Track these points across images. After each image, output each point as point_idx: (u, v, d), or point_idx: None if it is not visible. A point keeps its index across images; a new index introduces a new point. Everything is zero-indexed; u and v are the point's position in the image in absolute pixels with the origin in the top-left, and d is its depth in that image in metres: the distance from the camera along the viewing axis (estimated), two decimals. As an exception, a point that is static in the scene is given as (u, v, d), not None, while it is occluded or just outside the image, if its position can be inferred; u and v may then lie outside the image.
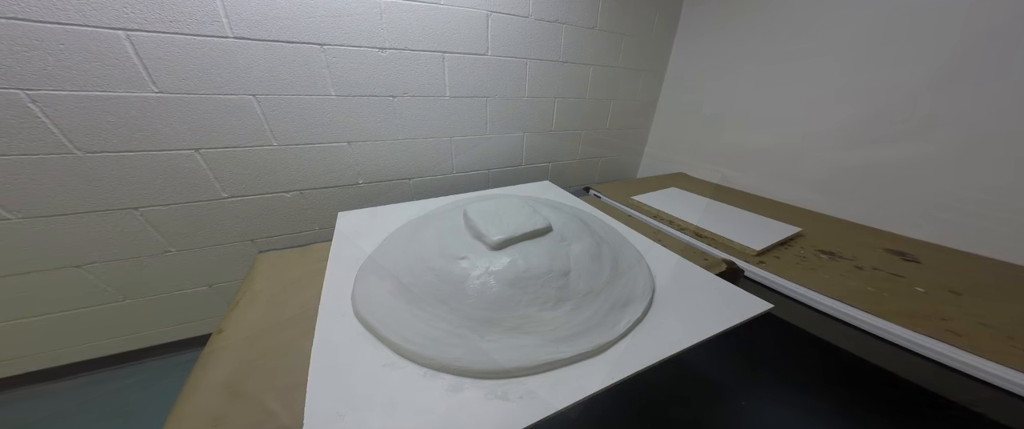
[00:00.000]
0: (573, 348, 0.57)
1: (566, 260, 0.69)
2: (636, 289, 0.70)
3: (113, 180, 0.96)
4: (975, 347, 0.65)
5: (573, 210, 1.03)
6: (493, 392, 0.51)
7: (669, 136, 2.02)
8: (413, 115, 1.29)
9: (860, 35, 1.18)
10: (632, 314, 0.65)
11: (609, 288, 0.68)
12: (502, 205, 0.82)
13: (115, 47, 0.83)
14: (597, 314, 0.63)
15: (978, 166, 1.01)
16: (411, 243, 0.79)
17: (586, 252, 0.73)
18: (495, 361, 0.54)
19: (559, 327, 0.60)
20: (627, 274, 0.74)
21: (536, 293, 0.62)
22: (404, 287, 0.67)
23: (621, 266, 0.75)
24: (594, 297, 0.66)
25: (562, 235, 0.76)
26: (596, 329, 0.61)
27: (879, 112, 1.17)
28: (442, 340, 0.58)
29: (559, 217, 0.83)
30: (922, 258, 1.00)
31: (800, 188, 1.44)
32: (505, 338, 0.58)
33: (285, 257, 0.86)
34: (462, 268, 0.66)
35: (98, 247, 1.02)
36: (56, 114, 0.84)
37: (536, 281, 0.64)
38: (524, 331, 0.59)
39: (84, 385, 1.18)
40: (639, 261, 0.80)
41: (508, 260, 0.66)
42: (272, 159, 1.12)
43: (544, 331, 0.59)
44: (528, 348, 0.56)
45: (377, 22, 1.08)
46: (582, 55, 1.55)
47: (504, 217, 0.76)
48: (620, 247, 0.83)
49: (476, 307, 0.61)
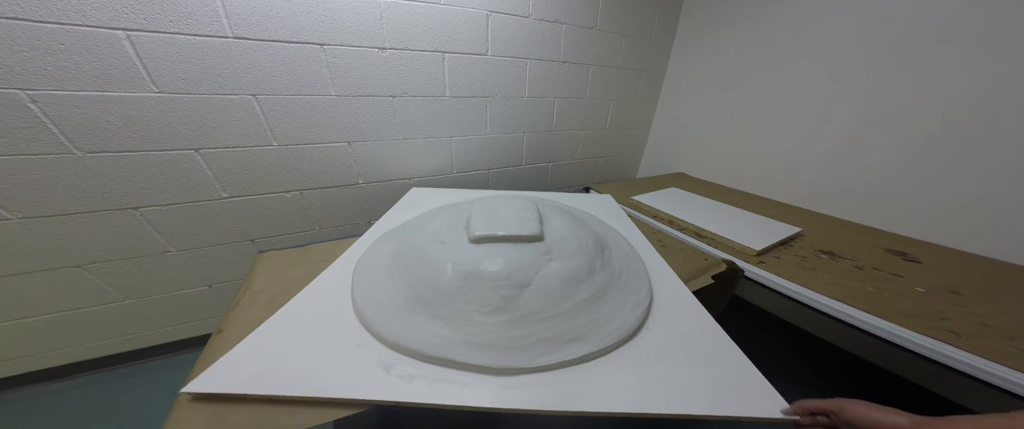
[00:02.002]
0: (477, 357, 0.54)
1: (531, 274, 0.64)
2: (597, 332, 0.60)
3: (113, 180, 0.96)
4: (975, 347, 0.65)
5: (602, 232, 0.88)
6: (383, 360, 0.55)
7: (669, 136, 2.02)
8: (413, 115, 1.29)
9: (860, 36, 1.18)
10: (569, 353, 0.56)
11: (565, 318, 0.61)
12: (511, 205, 0.80)
13: (115, 47, 0.83)
14: (530, 337, 0.57)
15: (978, 166, 1.01)
16: (430, 218, 0.86)
17: (562, 275, 0.65)
18: (402, 335, 0.58)
19: (484, 333, 0.57)
20: (602, 312, 0.63)
21: (480, 293, 0.61)
22: (398, 253, 0.74)
23: (603, 302, 0.65)
24: (540, 320, 0.60)
25: (550, 250, 0.69)
26: (518, 351, 0.56)
27: (879, 112, 1.17)
28: (384, 304, 0.63)
29: (572, 233, 0.75)
30: (922, 258, 1.00)
31: (800, 188, 1.44)
32: (430, 322, 0.60)
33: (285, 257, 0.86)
34: (436, 250, 0.69)
35: (98, 247, 1.02)
36: (56, 114, 0.84)
37: (486, 283, 0.62)
38: (449, 323, 0.59)
39: (84, 385, 1.18)
40: (635, 308, 0.66)
41: (474, 255, 0.66)
42: (272, 159, 1.12)
43: (466, 330, 0.58)
44: (438, 339, 0.57)
45: (377, 22, 1.08)
46: (582, 55, 1.55)
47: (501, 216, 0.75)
48: (624, 285, 0.71)
49: (425, 287, 0.64)
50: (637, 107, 1.93)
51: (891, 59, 1.12)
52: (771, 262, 0.95)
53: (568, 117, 1.69)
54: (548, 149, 1.72)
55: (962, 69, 0.99)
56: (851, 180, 1.28)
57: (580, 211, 1.07)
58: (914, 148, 1.11)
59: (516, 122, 1.54)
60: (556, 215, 0.82)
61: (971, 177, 1.02)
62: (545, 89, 1.53)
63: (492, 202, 0.82)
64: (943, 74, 1.03)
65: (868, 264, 0.96)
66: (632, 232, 1.04)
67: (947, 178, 1.07)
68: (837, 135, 1.29)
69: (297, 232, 1.29)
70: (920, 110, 1.08)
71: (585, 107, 1.71)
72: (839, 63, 1.24)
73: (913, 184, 1.13)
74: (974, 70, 0.97)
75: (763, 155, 1.55)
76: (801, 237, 1.11)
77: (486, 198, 0.86)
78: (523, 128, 1.58)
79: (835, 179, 1.32)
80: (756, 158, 1.59)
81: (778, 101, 1.45)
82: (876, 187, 1.22)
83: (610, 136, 1.93)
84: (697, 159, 1.88)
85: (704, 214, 1.23)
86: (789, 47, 1.37)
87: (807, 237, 1.12)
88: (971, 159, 1.02)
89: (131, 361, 1.27)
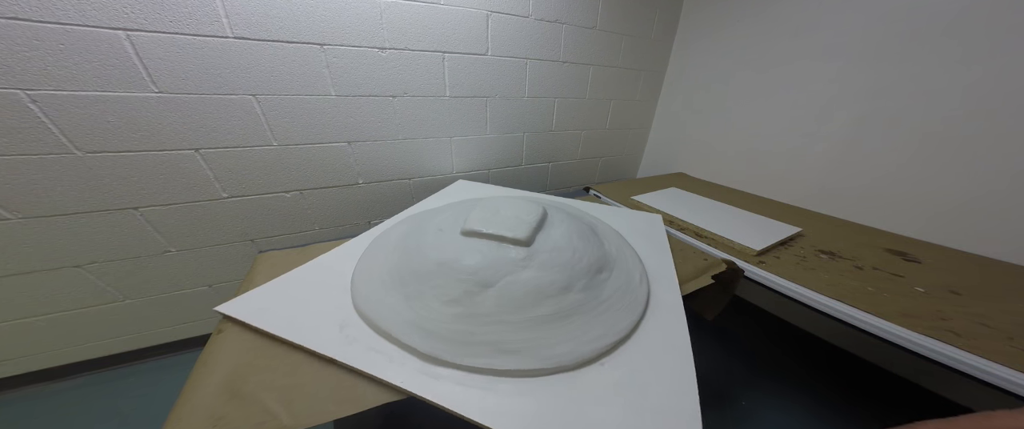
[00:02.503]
0: (414, 339, 0.57)
1: (498, 276, 0.63)
2: (538, 352, 0.56)
3: (113, 180, 0.96)
4: (975, 347, 0.64)
5: (615, 255, 0.80)
6: (344, 321, 0.62)
7: (669, 136, 2.02)
8: (413, 115, 1.29)
9: (860, 37, 1.18)
10: (497, 362, 0.54)
11: (514, 328, 0.58)
12: (517, 206, 0.80)
13: (115, 47, 0.83)
14: (472, 336, 0.57)
15: (978, 166, 1.01)
16: (448, 208, 0.89)
17: (531, 285, 0.62)
18: (367, 304, 0.64)
19: (433, 320, 0.60)
20: (556, 334, 0.59)
21: (445, 283, 0.63)
22: (407, 233, 0.79)
23: (564, 324, 0.61)
24: (489, 322, 0.59)
25: (531, 257, 0.66)
26: (453, 345, 0.56)
27: (879, 112, 1.17)
28: (372, 275, 0.70)
29: (569, 246, 0.71)
30: (922, 258, 1.00)
31: (800, 188, 1.44)
32: (396, 299, 0.64)
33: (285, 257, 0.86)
34: (432, 236, 0.73)
35: (98, 247, 1.02)
36: (56, 114, 0.84)
37: (454, 274, 0.64)
38: (410, 304, 0.62)
39: (84, 385, 1.18)
40: (596, 340, 0.59)
41: (457, 247, 0.68)
42: (272, 159, 1.12)
43: (421, 314, 0.61)
44: (393, 315, 0.61)
45: (377, 22, 1.08)
46: (582, 55, 1.55)
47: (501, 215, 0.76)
48: (601, 313, 0.64)
49: (406, 267, 0.68)
50: (637, 107, 1.93)
51: (891, 59, 1.12)
52: (771, 262, 0.95)
53: (568, 117, 1.69)
54: (548, 149, 1.72)
55: (962, 69, 0.99)
56: (851, 180, 1.28)
57: (609, 228, 0.97)
58: (914, 148, 1.11)
59: (516, 122, 1.54)
60: (564, 225, 0.78)
61: (971, 177, 1.02)
62: (545, 89, 1.53)
63: (499, 201, 0.83)
64: (943, 74, 1.03)
65: (868, 264, 0.96)
66: (660, 260, 0.87)
67: (947, 178, 1.07)
68: (837, 135, 1.29)
69: (297, 232, 1.29)
70: (920, 110, 1.08)
71: (585, 107, 1.71)
72: (839, 63, 1.24)
73: (913, 184, 1.14)
74: (973, 70, 0.98)
75: (763, 155, 1.55)
76: (801, 237, 1.11)
77: (496, 197, 0.86)
78: (523, 128, 1.58)
79: (835, 179, 1.32)
80: (756, 158, 1.59)
81: (778, 101, 1.45)
82: (876, 187, 1.22)
83: (610, 136, 1.93)
84: (697, 159, 1.88)
85: (704, 214, 1.23)
86: (789, 47, 1.37)
87: (807, 237, 1.12)
88: (971, 159, 1.02)
89: (131, 361, 1.27)
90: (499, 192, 1.27)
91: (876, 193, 1.22)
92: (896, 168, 1.16)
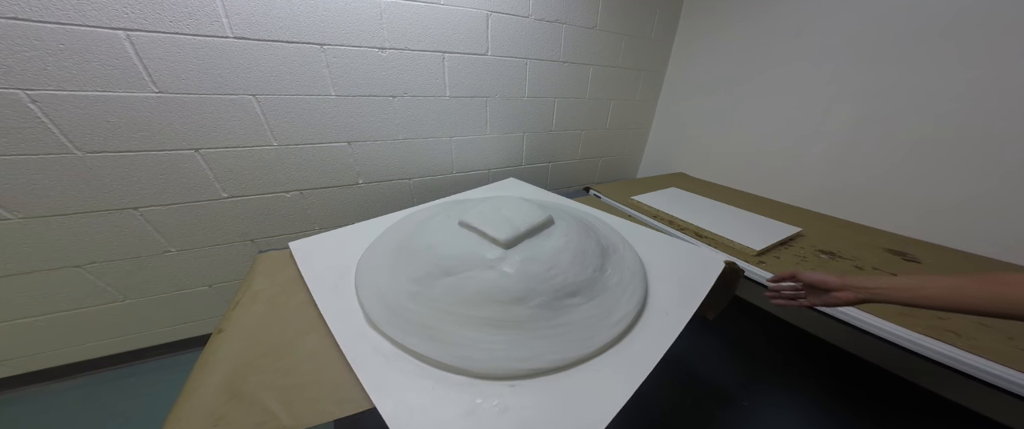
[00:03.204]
0: (369, 300, 0.66)
1: (459, 269, 0.66)
2: (449, 339, 0.57)
3: (113, 180, 0.96)
4: (975, 347, 0.65)
5: (614, 280, 0.73)
6: (343, 275, 0.76)
7: (669, 136, 2.02)
8: (413, 115, 1.29)
9: (859, 37, 1.18)
10: (413, 342, 0.57)
11: (446, 319, 0.60)
12: (523, 209, 0.80)
13: (115, 47, 0.83)
14: (410, 312, 0.62)
15: (977, 166, 1.01)
16: (478, 202, 0.91)
17: (484, 287, 0.63)
18: (363, 267, 0.76)
19: (389, 289, 0.68)
20: (477, 338, 0.59)
21: (420, 262, 0.69)
22: (431, 215, 0.88)
23: (496, 334, 0.59)
24: (433, 307, 0.62)
25: (501, 261, 0.66)
26: (391, 314, 0.63)
27: (878, 112, 1.17)
28: (387, 241, 0.82)
29: (552, 262, 0.67)
30: (922, 258, 1.00)
31: (800, 188, 1.44)
32: (384, 263, 0.74)
33: (285, 257, 0.86)
34: (443, 221, 0.80)
35: (98, 247, 1.02)
36: (56, 114, 0.84)
37: (428, 257, 0.70)
38: (388, 271, 0.72)
39: (84, 385, 1.18)
40: (519, 362, 0.56)
41: (449, 234, 0.74)
42: (272, 159, 1.12)
43: (386, 282, 0.69)
44: (373, 279, 0.71)
45: (377, 22, 1.08)
46: (582, 55, 1.55)
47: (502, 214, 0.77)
48: (543, 337, 0.59)
49: (407, 241, 0.77)
50: (637, 107, 1.93)
51: (890, 60, 1.12)
52: (771, 262, 0.95)
53: (568, 117, 1.69)
54: (548, 149, 1.72)
55: (960, 69, 0.99)
56: (851, 180, 1.28)
57: (635, 258, 0.84)
58: (913, 148, 1.11)
59: (516, 122, 1.54)
60: (563, 240, 0.73)
61: (970, 177, 1.03)
62: (545, 89, 1.53)
63: (506, 202, 0.84)
64: (941, 74, 1.03)
65: (868, 264, 0.96)
66: (682, 313, 0.70)
67: (946, 178, 1.07)
68: (837, 135, 1.29)
69: (297, 232, 1.29)
70: (919, 110, 1.08)
71: (585, 107, 1.71)
72: (839, 63, 1.24)
73: (912, 184, 1.14)
74: (972, 70, 0.98)
75: (763, 155, 1.55)
76: (801, 237, 1.11)
77: (508, 198, 0.88)
78: (523, 128, 1.58)
79: (835, 179, 1.32)
80: (756, 158, 1.59)
81: (778, 101, 1.45)
82: (876, 187, 1.22)
83: (610, 136, 1.93)
84: (697, 159, 1.88)
85: (704, 214, 1.23)
86: (789, 47, 1.37)
87: (807, 237, 1.12)
88: (970, 159, 1.02)
89: (131, 361, 1.27)
90: (542, 195, 1.30)
91: (876, 193, 1.22)
92: (896, 168, 1.16)
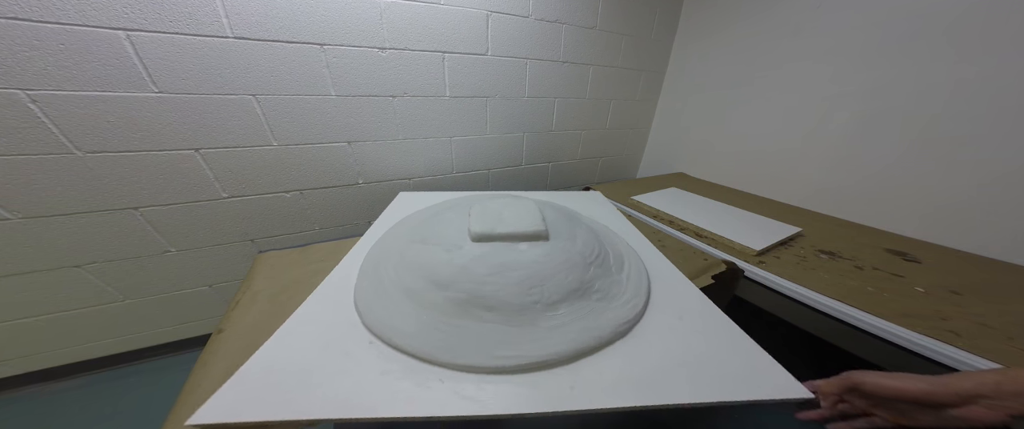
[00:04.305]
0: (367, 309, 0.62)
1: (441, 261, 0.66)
2: (375, 318, 0.58)
3: (113, 180, 0.96)
4: (975, 347, 0.64)
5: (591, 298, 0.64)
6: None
7: (669, 136, 2.02)
8: (413, 115, 1.29)
9: (860, 37, 1.18)
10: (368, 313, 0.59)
11: (392, 301, 0.60)
12: (519, 208, 0.78)
13: (115, 47, 0.83)
14: (374, 286, 0.65)
15: (978, 166, 1.01)
16: (496, 196, 0.93)
17: (441, 278, 0.61)
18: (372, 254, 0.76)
19: (391, 273, 0.67)
20: (405, 321, 0.57)
21: (415, 259, 0.68)
22: (456, 204, 0.85)
23: (432, 324, 0.57)
24: (391, 283, 0.64)
25: (470, 257, 0.64)
26: (362, 291, 0.64)
27: (879, 112, 1.17)
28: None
29: (531, 270, 0.61)
30: (922, 258, 1.00)
31: (800, 188, 1.44)
32: (399, 247, 0.72)
33: (285, 257, 0.86)
34: (446, 215, 0.79)
35: (98, 247, 1.02)
36: (56, 114, 0.84)
37: (418, 243, 0.71)
38: (380, 261, 0.71)
39: (84, 385, 1.18)
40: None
41: (454, 224, 0.74)
42: (272, 159, 1.12)
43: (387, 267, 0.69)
44: (376, 273, 0.69)
45: (377, 22, 1.08)
46: (582, 55, 1.55)
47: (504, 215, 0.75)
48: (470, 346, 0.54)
49: (418, 228, 0.77)
50: (637, 107, 1.93)
51: (891, 59, 1.12)
52: (771, 262, 0.95)
53: (568, 117, 1.69)
54: (548, 149, 1.72)
55: (961, 68, 0.99)
56: (851, 179, 1.28)
57: (636, 263, 0.78)
58: (913, 148, 1.11)
59: (516, 122, 1.54)
60: (551, 245, 0.68)
61: (970, 177, 1.02)
62: (545, 89, 1.53)
63: (513, 202, 0.83)
64: (942, 74, 1.03)
65: (868, 264, 0.96)
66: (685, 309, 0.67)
67: (946, 178, 1.07)
68: (837, 135, 1.29)
69: (297, 232, 1.29)
70: (919, 110, 1.08)
71: (585, 107, 1.71)
72: (839, 63, 1.24)
73: (913, 184, 1.13)
74: (972, 69, 0.97)
75: (763, 155, 1.55)
76: (801, 237, 1.11)
77: (541, 197, 0.91)
78: (523, 128, 1.58)
79: (835, 179, 1.32)
80: (756, 158, 1.59)
81: (778, 101, 1.45)
82: (876, 187, 1.22)
83: (610, 136, 1.93)
84: (697, 159, 1.88)
85: (704, 214, 1.23)
86: (789, 47, 1.37)
87: (807, 237, 1.12)
88: (970, 159, 1.02)
89: (131, 361, 1.27)
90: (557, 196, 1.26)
91: (876, 193, 1.22)
92: (896, 168, 1.16)
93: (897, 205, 1.18)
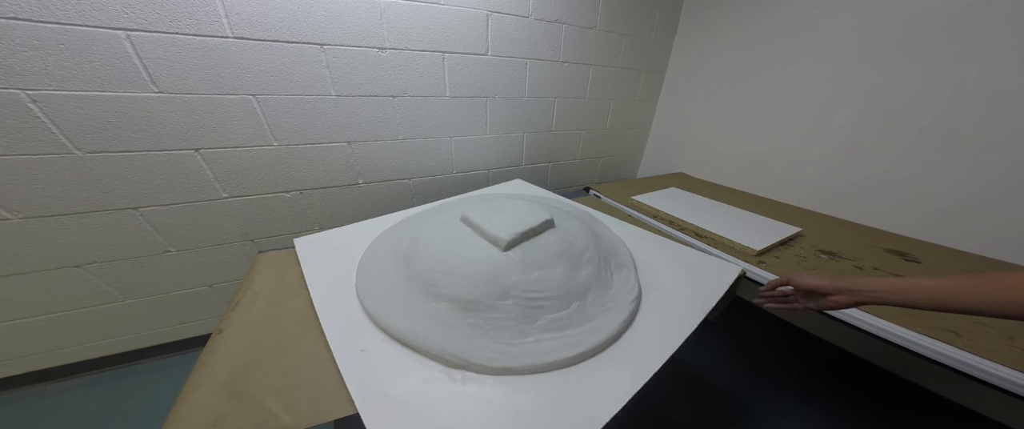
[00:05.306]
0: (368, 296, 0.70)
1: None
2: (372, 300, 0.67)
3: (113, 180, 0.96)
4: (975, 347, 0.65)
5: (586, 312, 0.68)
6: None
7: (669, 136, 2.02)
8: (413, 115, 1.29)
9: (859, 37, 1.18)
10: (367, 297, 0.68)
11: (387, 287, 0.70)
12: (518, 208, 0.83)
13: (115, 47, 0.83)
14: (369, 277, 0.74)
15: (977, 166, 1.01)
16: (499, 197, 1.03)
17: (431, 265, 0.71)
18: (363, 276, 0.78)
19: (387, 266, 0.76)
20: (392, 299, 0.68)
21: (414, 256, 0.74)
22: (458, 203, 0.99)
23: (420, 304, 0.66)
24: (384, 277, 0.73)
25: (526, 258, 0.69)
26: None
27: (878, 112, 1.17)
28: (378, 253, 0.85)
29: (516, 278, 0.65)
30: (922, 258, 1.00)
31: (800, 188, 1.44)
32: (389, 272, 0.76)
33: (285, 257, 0.86)
34: (442, 217, 0.86)
35: (98, 247, 1.02)
36: (56, 114, 0.84)
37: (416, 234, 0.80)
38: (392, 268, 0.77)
39: (84, 385, 1.18)
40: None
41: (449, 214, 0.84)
42: (272, 159, 1.12)
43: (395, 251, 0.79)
44: (382, 259, 0.79)
45: (377, 22, 1.08)
46: (582, 55, 1.55)
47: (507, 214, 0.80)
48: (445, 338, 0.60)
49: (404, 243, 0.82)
50: (637, 107, 1.93)
51: (890, 59, 1.12)
52: (771, 262, 0.95)
53: (568, 117, 1.69)
54: (548, 149, 1.72)
55: (960, 68, 0.99)
56: (851, 180, 1.28)
57: (627, 251, 0.87)
58: (913, 148, 1.11)
59: (516, 122, 1.54)
60: (536, 250, 0.72)
61: (970, 177, 1.03)
62: (545, 89, 1.53)
63: (506, 202, 0.89)
64: (942, 73, 1.03)
65: (868, 264, 0.96)
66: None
67: (946, 178, 1.07)
68: (837, 135, 1.29)
69: (297, 232, 1.29)
70: (919, 110, 1.08)
71: (585, 107, 1.71)
72: (839, 63, 1.24)
73: (913, 184, 1.14)
74: (972, 69, 0.97)
75: (763, 155, 1.55)
76: (801, 237, 1.11)
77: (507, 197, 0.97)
78: (523, 128, 1.58)
79: (835, 179, 1.32)
80: (756, 158, 1.59)
81: (778, 101, 1.45)
82: (876, 187, 1.22)
83: (610, 136, 1.93)
84: (697, 159, 1.88)
85: (704, 214, 1.23)
86: (789, 47, 1.37)
87: (807, 237, 1.12)
88: (970, 158, 1.02)
89: (131, 361, 1.27)
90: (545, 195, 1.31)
91: (876, 193, 1.22)
92: (895, 168, 1.16)
93: (897, 205, 1.18)
